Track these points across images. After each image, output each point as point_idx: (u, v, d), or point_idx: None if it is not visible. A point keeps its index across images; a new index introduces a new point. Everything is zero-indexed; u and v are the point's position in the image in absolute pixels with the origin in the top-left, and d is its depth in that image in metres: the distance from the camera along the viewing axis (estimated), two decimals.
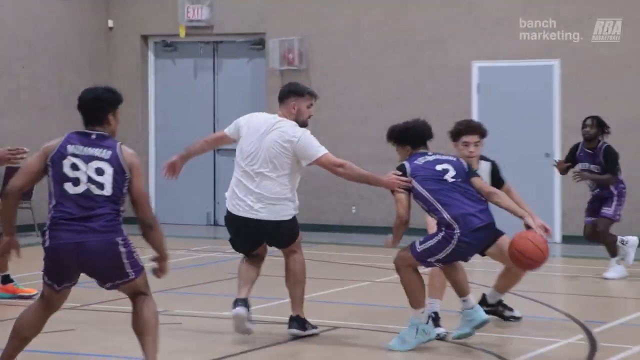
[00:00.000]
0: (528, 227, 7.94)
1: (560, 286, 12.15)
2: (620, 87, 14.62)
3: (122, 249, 6.00)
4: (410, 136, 8.06)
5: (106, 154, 6.10)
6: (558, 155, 14.60)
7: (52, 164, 6.19)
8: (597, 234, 11.88)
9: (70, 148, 6.13)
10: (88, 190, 6.10)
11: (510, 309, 8.93)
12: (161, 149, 18.06)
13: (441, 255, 7.88)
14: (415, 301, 7.83)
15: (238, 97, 17.09)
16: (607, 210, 11.80)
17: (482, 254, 8.65)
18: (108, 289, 6.18)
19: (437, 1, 15.72)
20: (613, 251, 11.78)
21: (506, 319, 8.83)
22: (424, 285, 7.96)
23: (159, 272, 6.21)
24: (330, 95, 16.01)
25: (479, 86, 15.33)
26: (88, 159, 5.99)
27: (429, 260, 7.91)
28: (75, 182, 6.12)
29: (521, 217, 7.60)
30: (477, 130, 8.78)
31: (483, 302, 8.86)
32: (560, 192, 14.71)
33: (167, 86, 18.06)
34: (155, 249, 6.23)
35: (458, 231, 7.65)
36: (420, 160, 8.14)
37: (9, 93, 15.72)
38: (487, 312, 8.54)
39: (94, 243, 6.04)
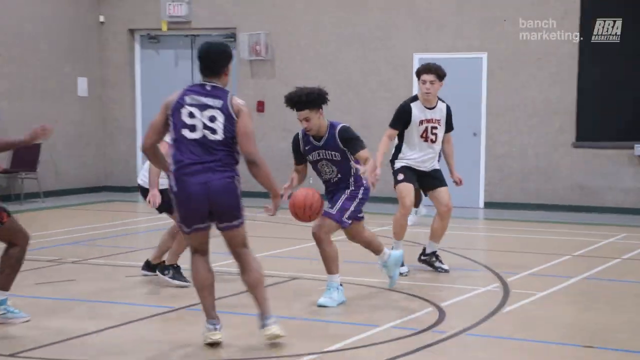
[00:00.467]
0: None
1: (481, 243, 12.28)
2: (536, 76, 14.66)
3: (237, 186, 5.82)
4: (323, 99, 7.20)
5: (218, 103, 5.91)
6: (484, 134, 14.94)
7: (172, 114, 5.99)
8: None
9: (187, 99, 5.96)
10: (204, 136, 5.90)
11: (442, 262, 9.04)
12: (146, 126, 17.23)
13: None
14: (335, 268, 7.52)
15: None
16: None
17: (425, 194, 9.36)
18: (220, 229, 5.90)
19: (381, 3, 15.52)
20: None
21: (435, 269, 8.98)
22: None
23: (271, 208, 6.07)
24: (292, 83, 16.03)
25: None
26: (203, 108, 5.83)
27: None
28: (192, 128, 5.91)
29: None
30: (433, 70, 8.72)
31: (422, 252, 9.05)
32: (484, 167, 14.87)
33: (151, 74, 17.64)
34: (263, 185, 6.00)
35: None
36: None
37: (15, 80, 15.43)
38: (422, 261, 8.99)
39: (217, 181, 5.85)
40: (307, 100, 7.17)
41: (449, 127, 8.96)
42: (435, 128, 8.86)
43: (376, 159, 7.81)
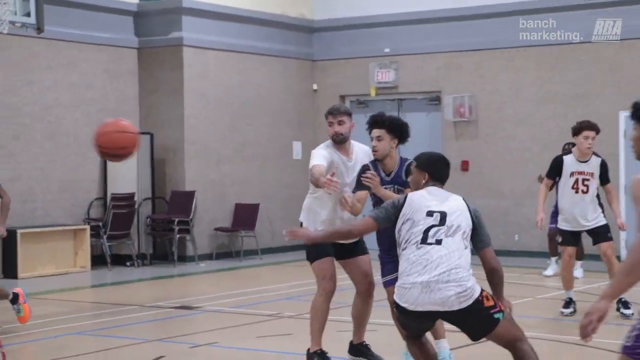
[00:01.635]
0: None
1: None
2: None
3: None
4: (403, 131, 6.73)
5: None
6: None
7: None
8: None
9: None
10: None
11: (627, 307, 9.14)
12: None
13: None
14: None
15: (418, 144, 16.79)
16: None
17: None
18: None
19: (583, 61, 15.23)
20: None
21: (621, 314, 9.08)
22: None
23: None
24: (494, 141, 15.90)
25: (625, 132, 14.68)
26: None
27: None
28: None
29: None
30: (594, 127, 9.23)
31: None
32: None
33: (360, 136, 17.60)
34: None
35: None
36: None
37: (237, 145, 16.02)
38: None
39: None
40: (388, 122, 6.75)
41: (605, 179, 9.39)
42: (587, 180, 9.34)
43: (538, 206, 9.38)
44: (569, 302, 9.54)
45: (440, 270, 5.14)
